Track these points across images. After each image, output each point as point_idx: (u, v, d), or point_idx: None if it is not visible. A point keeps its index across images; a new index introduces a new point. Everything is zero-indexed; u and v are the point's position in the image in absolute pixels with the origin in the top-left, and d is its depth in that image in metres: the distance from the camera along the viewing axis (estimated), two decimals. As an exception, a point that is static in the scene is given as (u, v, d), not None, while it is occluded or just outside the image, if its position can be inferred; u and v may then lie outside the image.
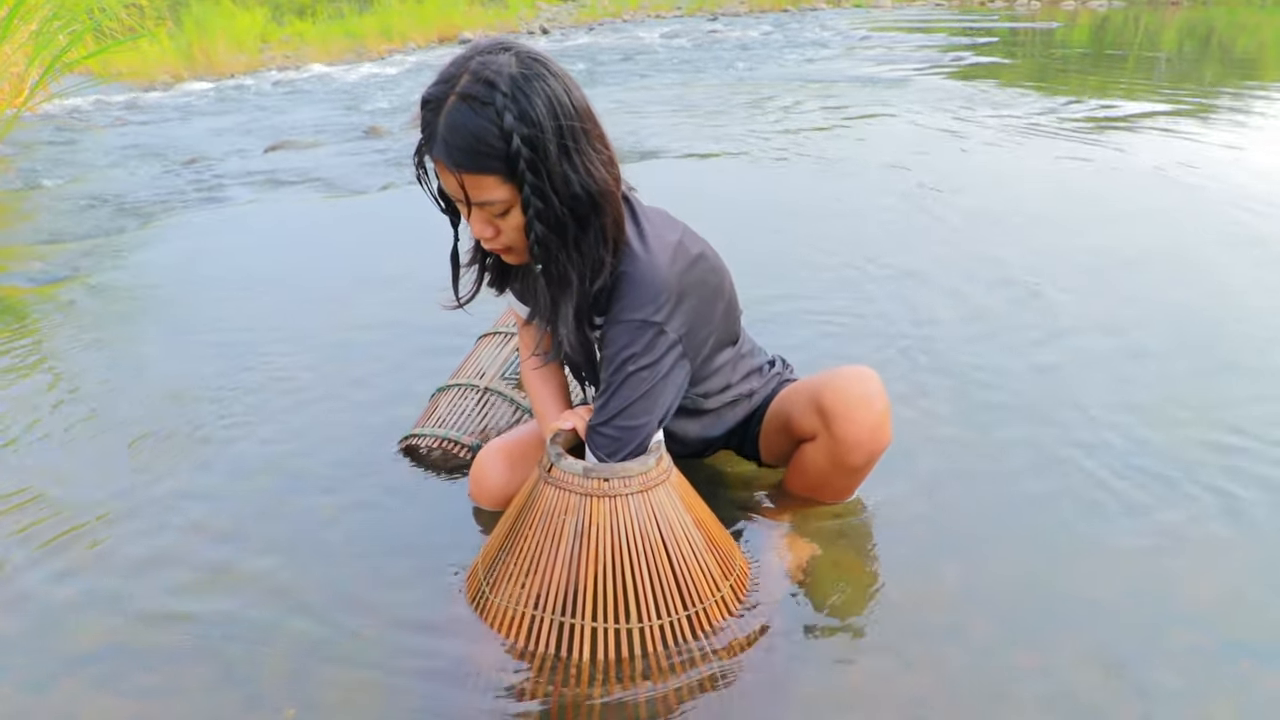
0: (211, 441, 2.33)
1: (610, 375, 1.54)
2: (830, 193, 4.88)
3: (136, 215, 4.84)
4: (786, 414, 1.86)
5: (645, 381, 1.53)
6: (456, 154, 1.37)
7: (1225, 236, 3.90)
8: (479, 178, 1.39)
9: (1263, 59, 12.29)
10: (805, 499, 1.97)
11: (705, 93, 8.94)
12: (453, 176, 1.40)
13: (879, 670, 1.52)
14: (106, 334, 3.13)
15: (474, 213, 1.45)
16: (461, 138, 1.36)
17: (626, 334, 1.52)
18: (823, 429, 1.75)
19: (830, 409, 1.72)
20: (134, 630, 1.66)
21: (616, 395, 1.54)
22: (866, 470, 1.84)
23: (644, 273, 1.51)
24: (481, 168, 1.38)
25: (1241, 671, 1.50)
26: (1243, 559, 1.79)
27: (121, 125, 8.27)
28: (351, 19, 17.31)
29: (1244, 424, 2.29)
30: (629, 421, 1.54)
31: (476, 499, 1.95)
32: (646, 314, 1.51)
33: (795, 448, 1.89)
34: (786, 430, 1.88)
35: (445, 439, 2.19)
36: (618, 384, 1.53)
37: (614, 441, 1.54)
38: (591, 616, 1.49)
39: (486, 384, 2.32)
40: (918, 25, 18.31)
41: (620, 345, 1.52)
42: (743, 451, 2.07)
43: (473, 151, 1.36)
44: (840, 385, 1.73)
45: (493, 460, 1.90)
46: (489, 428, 2.23)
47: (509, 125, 1.34)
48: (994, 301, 3.14)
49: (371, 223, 4.67)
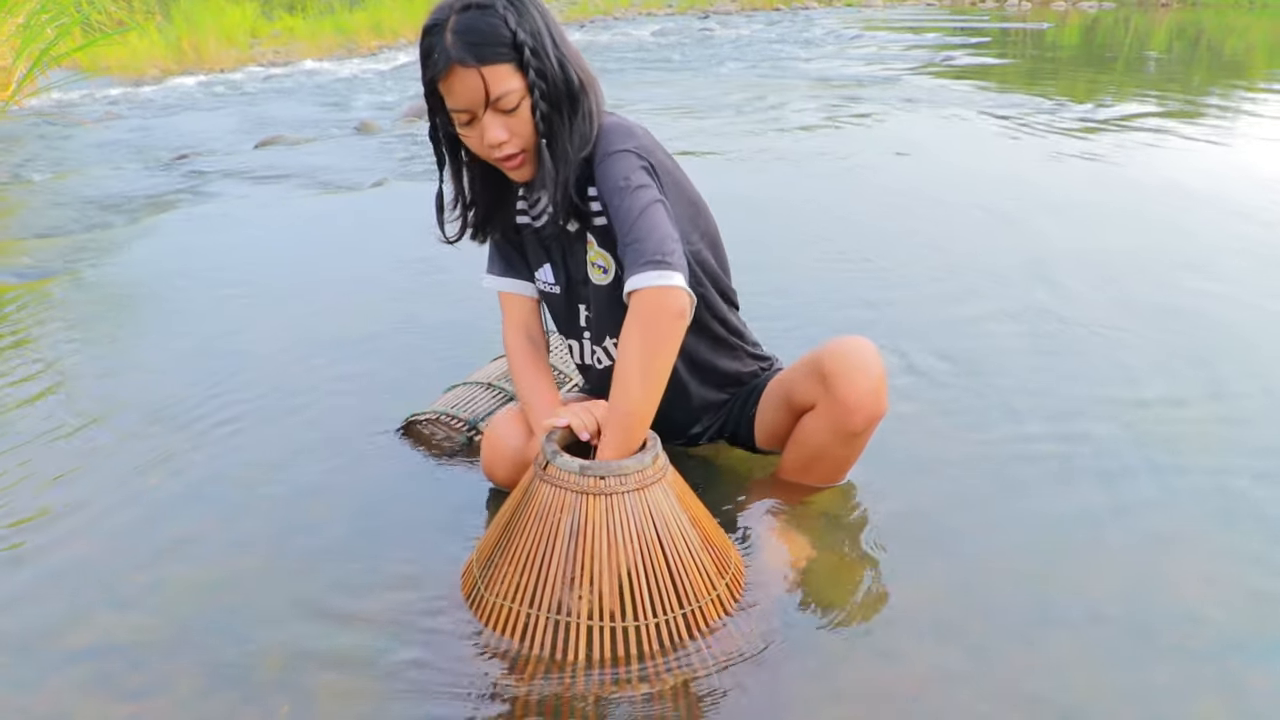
0: (201, 438, 2.32)
1: (618, 204, 1.63)
2: (817, 191, 4.89)
3: (125, 211, 4.82)
4: (787, 386, 1.92)
5: (651, 197, 1.63)
6: (476, 49, 1.53)
7: (1218, 234, 3.92)
8: (495, 68, 1.55)
9: (1251, 61, 12.34)
10: (800, 483, 1.98)
11: (696, 91, 8.94)
12: (475, 73, 1.54)
13: (873, 668, 1.51)
14: (95, 330, 3.11)
15: (488, 118, 1.59)
16: (476, 35, 1.53)
17: (618, 163, 1.66)
18: (823, 394, 1.79)
19: (831, 372, 1.76)
20: (125, 629, 1.64)
21: (636, 215, 1.61)
22: (865, 438, 1.86)
23: (620, 122, 1.73)
24: (497, 57, 1.55)
25: (1230, 669, 1.50)
26: (1233, 556, 1.79)
27: (110, 120, 8.23)
28: (342, 14, 17.26)
29: (1236, 419, 2.30)
30: (663, 229, 1.61)
31: (490, 467, 1.93)
32: (630, 145, 1.68)
33: (791, 426, 1.93)
34: (787, 403, 1.91)
35: (445, 415, 2.22)
36: (629, 204, 1.62)
37: (655, 252, 1.58)
38: (587, 615, 1.48)
39: (491, 380, 2.35)
40: (909, 25, 18.35)
41: (618, 175, 1.65)
42: (736, 438, 2.09)
43: (488, 44, 1.54)
44: (840, 351, 1.78)
45: (508, 425, 1.89)
46: (494, 411, 2.24)
47: (512, 22, 1.55)
48: (984, 298, 3.14)
49: (363, 219, 4.66)
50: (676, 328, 1.57)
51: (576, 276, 1.84)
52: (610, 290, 1.80)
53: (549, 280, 1.87)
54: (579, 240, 1.80)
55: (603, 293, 1.81)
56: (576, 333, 1.92)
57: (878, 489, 2.01)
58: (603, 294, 1.81)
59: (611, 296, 1.79)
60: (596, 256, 1.79)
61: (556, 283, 1.87)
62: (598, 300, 1.83)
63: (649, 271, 1.55)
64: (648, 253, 1.57)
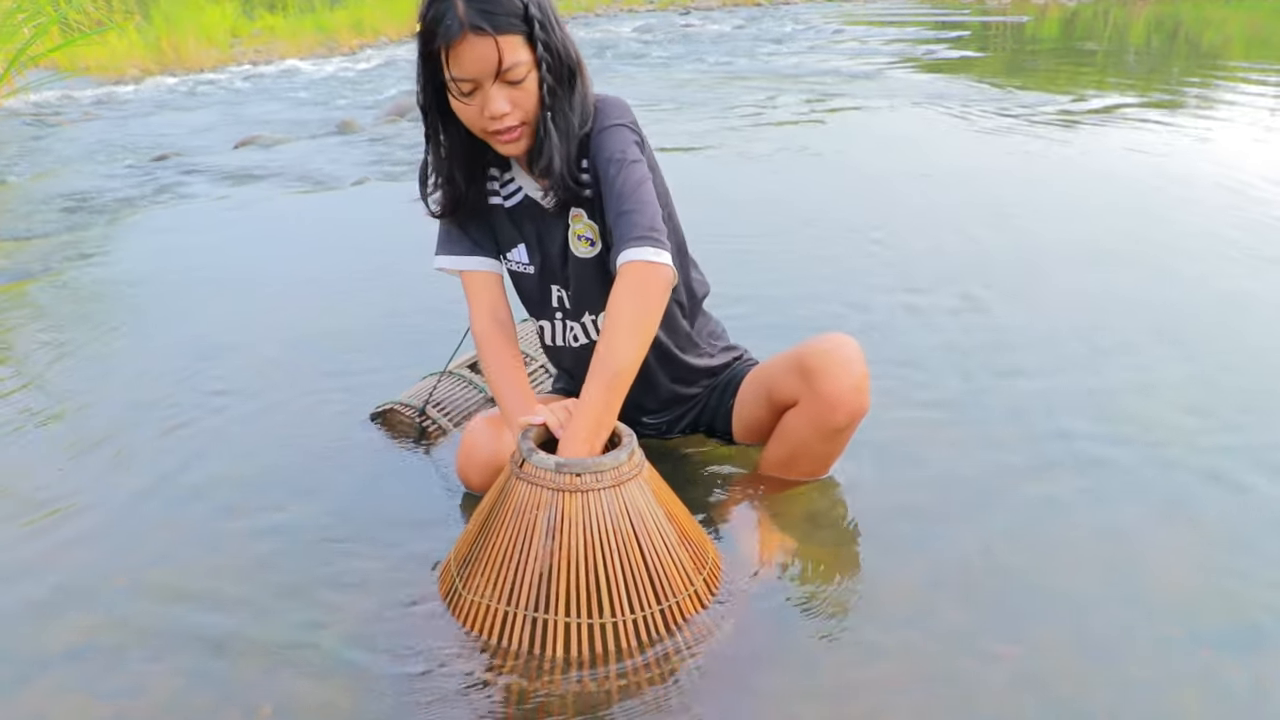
0: (178, 438, 2.31)
1: (614, 174, 1.67)
2: (799, 185, 4.89)
3: (104, 212, 4.80)
4: (767, 382, 1.92)
5: (644, 173, 1.69)
6: (491, 17, 1.52)
7: (1198, 227, 3.94)
8: (509, 38, 1.55)
9: (1228, 53, 12.40)
10: (781, 478, 1.99)
11: (677, 86, 8.94)
12: (490, 41, 1.53)
13: (852, 661, 1.52)
14: (74, 332, 3.10)
15: (494, 89, 1.58)
16: (492, 5, 1.52)
17: (615, 136, 1.71)
18: (806, 390, 1.80)
19: (813, 368, 1.78)
20: (104, 630, 1.64)
21: (632, 188, 1.66)
22: (847, 434, 1.88)
23: (613, 98, 1.77)
24: (510, 27, 1.54)
25: (1204, 660, 1.51)
26: (1209, 548, 1.80)
27: (89, 120, 8.18)
28: (323, 13, 17.17)
29: (1213, 414, 2.32)
30: (655, 206, 1.67)
31: (464, 473, 1.91)
32: (625, 120, 1.74)
33: (771, 421, 1.94)
34: (768, 399, 1.92)
35: (400, 404, 2.30)
36: (625, 176, 1.67)
37: (649, 228, 1.64)
38: (565, 612, 1.49)
39: (452, 368, 2.40)
40: (889, 19, 18.37)
41: (614, 147, 1.70)
42: (714, 430, 2.10)
43: (502, 13, 1.53)
44: (822, 348, 1.80)
45: (482, 430, 1.88)
46: (447, 399, 2.33)
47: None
48: (961, 291, 3.15)
49: (344, 218, 4.65)
50: (664, 298, 1.64)
51: (553, 254, 1.84)
52: (595, 263, 1.81)
53: (522, 260, 1.87)
54: (558, 217, 1.80)
55: (588, 266, 1.82)
56: (549, 314, 1.92)
57: (856, 484, 2.02)
58: (588, 267, 1.82)
59: (597, 269, 1.81)
60: (585, 229, 1.79)
61: (530, 262, 1.86)
62: (580, 274, 1.83)
63: (644, 246, 1.61)
64: (642, 226, 1.62)
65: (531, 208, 1.81)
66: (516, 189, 1.82)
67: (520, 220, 1.84)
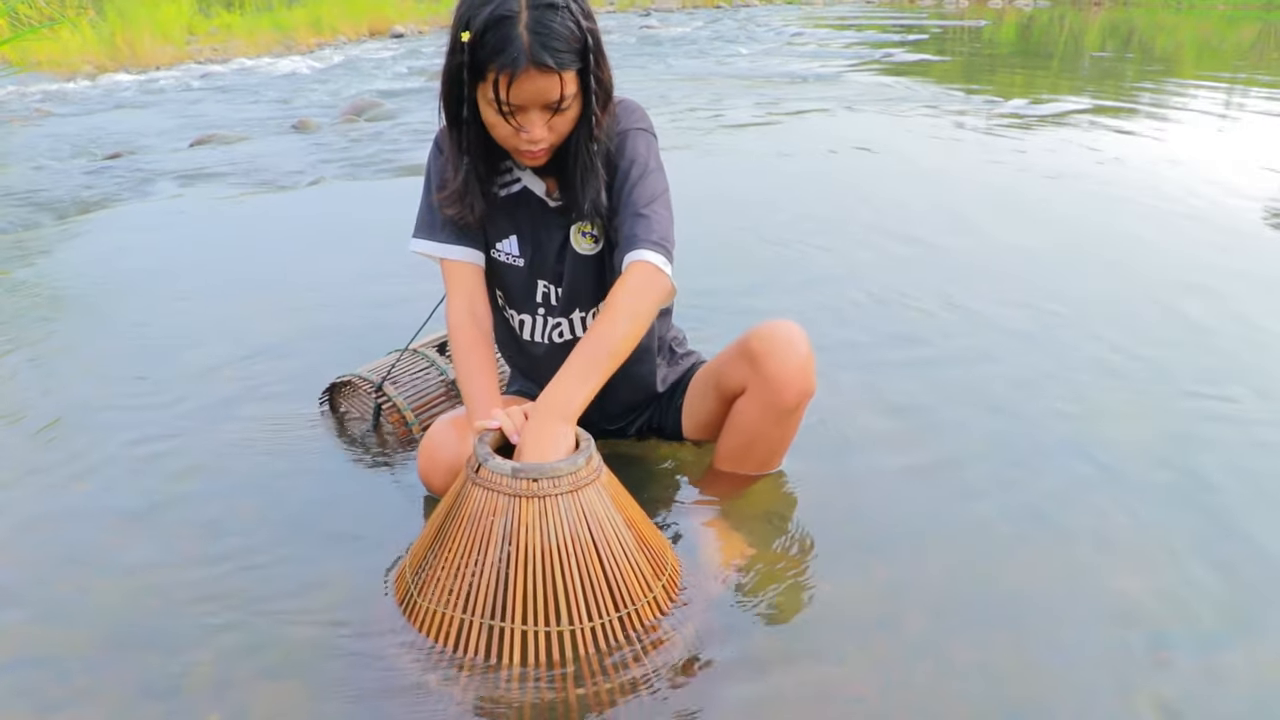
0: (130, 440, 2.27)
1: (637, 176, 1.70)
2: (759, 187, 4.90)
3: (56, 210, 4.72)
4: (714, 374, 1.95)
5: (666, 186, 1.74)
6: (555, 54, 1.50)
7: (1157, 226, 4.00)
8: (569, 73, 1.54)
9: (1180, 58, 12.60)
10: (736, 473, 1.99)
11: (637, 88, 8.93)
12: (552, 77, 1.52)
13: (814, 668, 1.52)
14: (23, 333, 3.03)
15: (537, 116, 1.57)
16: (555, 38, 1.50)
17: (643, 140, 1.74)
18: (753, 375, 1.82)
19: (758, 352, 1.80)
20: (49, 640, 1.60)
21: (656, 195, 1.70)
22: (796, 417, 1.89)
23: (631, 101, 1.78)
24: (570, 63, 1.53)
25: (1162, 662, 1.52)
26: (1170, 552, 1.81)
27: (40, 117, 8.05)
28: (280, 11, 17.03)
29: (1179, 418, 2.34)
30: (670, 223, 1.71)
31: (427, 475, 1.87)
32: (648, 126, 1.77)
33: (721, 414, 1.96)
34: (717, 390, 1.94)
35: (357, 377, 2.29)
36: (651, 183, 1.71)
37: (663, 237, 1.68)
38: (521, 620, 1.47)
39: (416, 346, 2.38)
40: (849, 22, 18.50)
41: (643, 150, 1.73)
42: (664, 429, 2.12)
43: (567, 50, 1.51)
44: (765, 332, 1.82)
45: (445, 432, 1.84)
46: (406, 379, 2.31)
47: (583, 23, 1.54)
48: (922, 295, 3.17)
49: (299, 218, 4.60)
50: (660, 306, 1.67)
51: (548, 249, 1.83)
52: (595, 260, 1.82)
53: (513, 252, 1.85)
54: (561, 214, 1.79)
55: (588, 263, 1.82)
56: (531, 307, 1.90)
57: (814, 487, 2.02)
58: (587, 264, 1.82)
59: (595, 267, 1.82)
60: (590, 225, 1.80)
61: (521, 255, 1.85)
62: (578, 270, 1.83)
63: (657, 253, 1.64)
64: (658, 233, 1.66)
65: (529, 200, 1.80)
66: (515, 179, 1.81)
67: (514, 211, 1.82)
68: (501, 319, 1.98)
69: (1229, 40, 15.62)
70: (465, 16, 1.51)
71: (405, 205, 1.99)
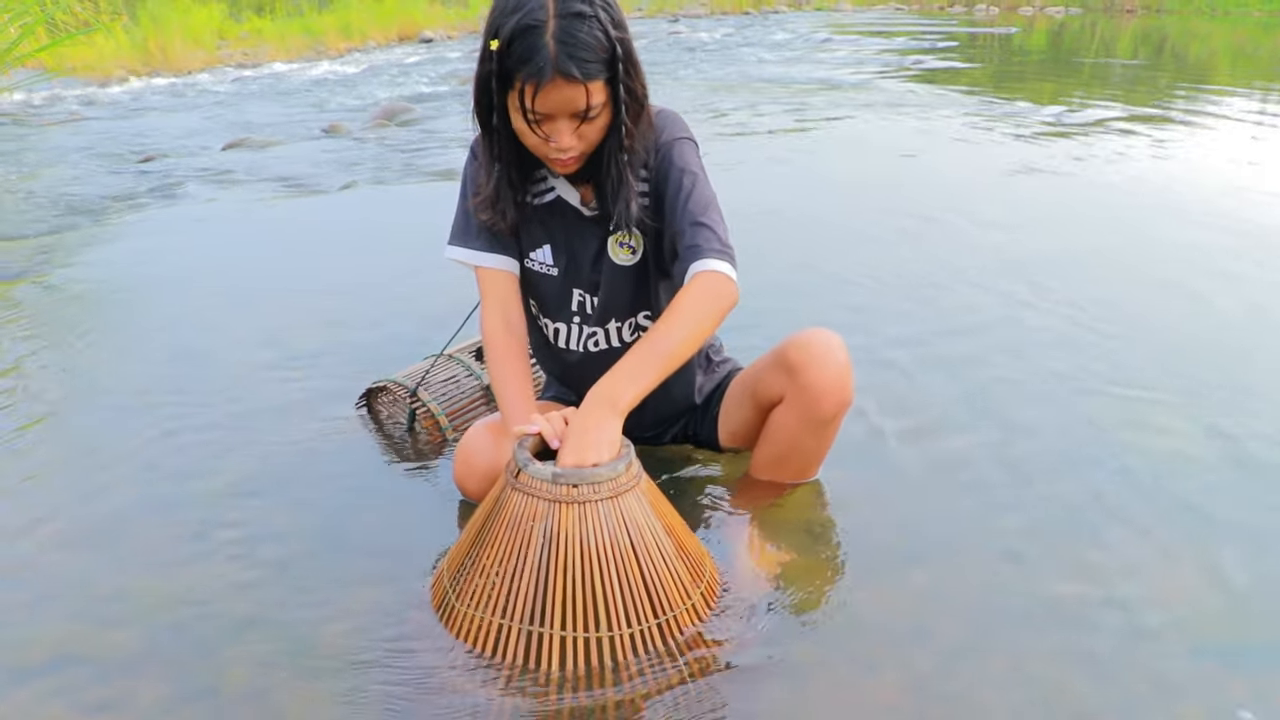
0: (166, 445, 2.28)
1: (689, 185, 1.70)
2: (785, 196, 4.89)
3: (91, 213, 4.76)
4: (751, 383, 1.93)
5: (713, 191, 1.73)
6: (582, 65, 1.50)
7: (1180, 236, 3.95)
8: (596, 83, 1.53)
9: (1214, 66, 12.49)
10: (772, 481, 1.98)
11: (666, 95, 8.93)
12: (579, 88, 1.51)
13: (848, 676, 1.51)
14: (59, 335, 3.06)
15: (565, 124, 1.57)
16: (583, 48, 1.49)
17: (689, 149, 1.75)
18: (790, 384, 1.80)
19: (797, 361, 1.78)
20: (88, 641, 1.61)
21: (708, 202, 1.71)
22: (834, 427, 1.87)
23: (670, 111, 1.78)
24: (598, 73, 1.53)
25: (1207, 674, 1.50)
26: (1208, 562, 1.79)
27: (76, 121, 8.13)
28: (310, 16, 17.15)
29: (1217, 426, 2.31)
30: (724, 224, 1.71)
31: (462, 480, 1.88)
32: (689, 134, 1.77)
33: (757, 423, 1.94)
34: (753, 399, 1.92)
35: (392, 383, 2.29)
36: (701, 191, 1.71)
37: (725, 245, 1.68)
38: (560, 625, 1.46)
39: (451, 352, 2.38)
40: (878, 29, 18.44)
41: (691, 159, 1.73)
42: (699, 436, 2.10)
43: (595, 59, 1.51)
44: (803, 341, 1.80)
45: (481, 438, 1.84)
46: (442, 383, 2.31)
47: (612, 33, 1.53)
48: (953, 305, 3.15)
49: (332, 222, 4.62)
50: (726, 313, 1.66)
51: (582, 259, 1.83)
52: (633, 271, 1.82)
53: (547, 261, 1.85)
54: (596, 224, 1.79)
55: (627, 274, 1.82)
56: (566, 316, 1.90)
57: (850, 495, 2.00)
58: (627, 275, 1.82)
59: (632, 277, 1.82)
60: (627, 235, 1.80)
61: (555, 264, 1.84)
62: (615, 280, 1.83)
63: (723, 261, 1.64)
64: (719, 240, 1.67)
65: (563, 209, 1.80)
66: (549, 188, 1.80)
67: (548, 220, 1.82)
68: (535, 327, 1.97)
69: (1265, 47, 15.47)
70: (495, 25, 1.52)
71: (437, 210, 2.00)
